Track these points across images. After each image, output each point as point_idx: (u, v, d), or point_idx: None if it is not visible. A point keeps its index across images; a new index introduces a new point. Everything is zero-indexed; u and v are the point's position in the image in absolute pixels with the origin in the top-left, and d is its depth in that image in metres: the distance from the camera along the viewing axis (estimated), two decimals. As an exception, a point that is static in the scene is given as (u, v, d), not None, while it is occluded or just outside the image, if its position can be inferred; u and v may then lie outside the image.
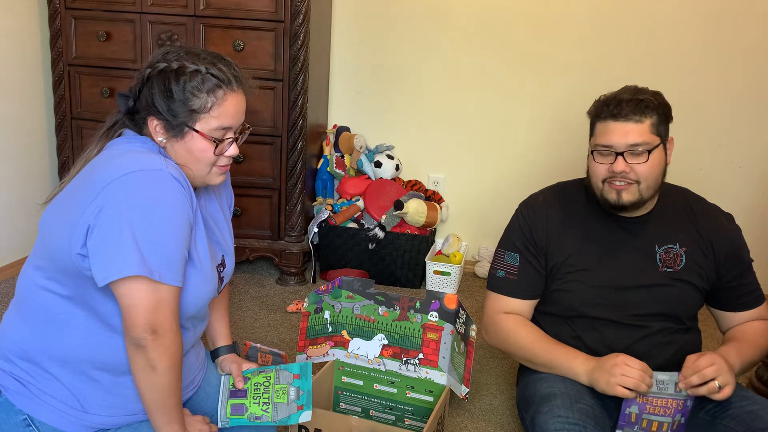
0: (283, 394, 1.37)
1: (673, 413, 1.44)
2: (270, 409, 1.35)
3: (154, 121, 1.22)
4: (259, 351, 1.83)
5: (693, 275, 1.60)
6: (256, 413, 1.34)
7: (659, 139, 1.54)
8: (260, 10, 2.59)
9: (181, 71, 1.20)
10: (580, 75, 2.88)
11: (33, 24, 2.82)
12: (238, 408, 1.35)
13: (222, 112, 1.22)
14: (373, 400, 1.84)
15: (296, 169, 2.73)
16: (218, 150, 1.24)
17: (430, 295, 1.75)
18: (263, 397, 1.36)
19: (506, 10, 2.91)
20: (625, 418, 1.45)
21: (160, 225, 1.12)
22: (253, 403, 1.36)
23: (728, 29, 2.75)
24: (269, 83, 2.64)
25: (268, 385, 1.38)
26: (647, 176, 1.54)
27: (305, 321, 1.77)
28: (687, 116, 2.86)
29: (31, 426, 1.21)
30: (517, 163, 3.01)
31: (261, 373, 1.41)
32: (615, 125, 1.54)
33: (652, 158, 1.53)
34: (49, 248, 1.20)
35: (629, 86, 1.60)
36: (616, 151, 1.53)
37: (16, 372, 1.23)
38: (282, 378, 1.39)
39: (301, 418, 1.35)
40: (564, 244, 1.65)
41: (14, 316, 1.27)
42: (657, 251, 1.61)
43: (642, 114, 1.53)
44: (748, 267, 1.65)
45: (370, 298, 1.80)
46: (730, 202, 2.85)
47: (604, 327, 1.60)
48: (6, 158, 2.72)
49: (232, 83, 1.23)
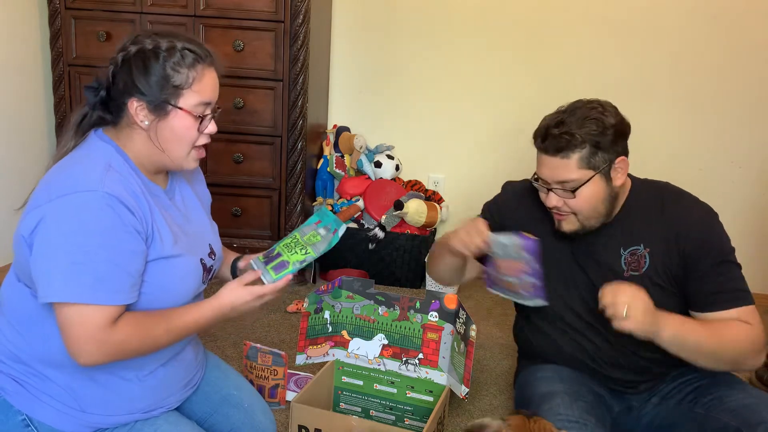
0: (315, 235, 1.35)
1: (519, 274, 1.49)
2: (309, 249, 1.32)
3: (134, 103, 1.21)
4: (259, 351, 1.83)
5: (657, 275, 1.52)
6: (299, 259, 1.31)
7: (592, 171, 1.46)
8: (260, 10, 2.59)
9: (158, 49, 1.20)
10: (581, 75, 2.88)
11: (33, 24, 2.81)
12: (278, 266, 1.30)
13: (202, 87, 1.23)
14: (373, 400, 1.84)
15: (296, 169, 2.73)
16: (201, 127, 1.25)
17: (430, 295, 1.75)
18: (297, 248, 1.33)
19: (507, 10, 2.90)
20: (488, 280, 1.59)
21: (88, 248, 1.12)
22: (291, 255, 1.32)
23: (728, 29, 2.75)
24: (269, 83, 2.64)
25: (297, 240, 1.35)
26: (581, 209, 1.49)
27: (305, 321, 1.77)
28: (687, 116, 2.86)
29: (30, 426, 1.21)
30: (517, 163, 3.01)
31: (283, 240, 1.36)
32: (544, 158, 1.49)
33: (581, 193, 1.47)
34: (18, 258, 1.22)
35: (566, 110, 1.49)
36: (546, 186, 1.50)
37: (13, 373, 1.23)
38: (305, 230, 1.36)
39: (340, 233, 1.35)
40: None
41: (4, 320, 1.27)
42: (622, 254, 1.55)
43: (567, 149, 1.44)
44: (721, 264, 1.48)
45: (370, 298, 1.80)
46: (730, 202, 2.87)
47: (577, 335, 1.60)
48: (6, 158, 2.72)
49: (208, 58, 1.24)
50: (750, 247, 2.83)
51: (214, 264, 1.39)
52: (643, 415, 1.61)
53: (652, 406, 1.60)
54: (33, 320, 1.22)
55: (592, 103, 1.49)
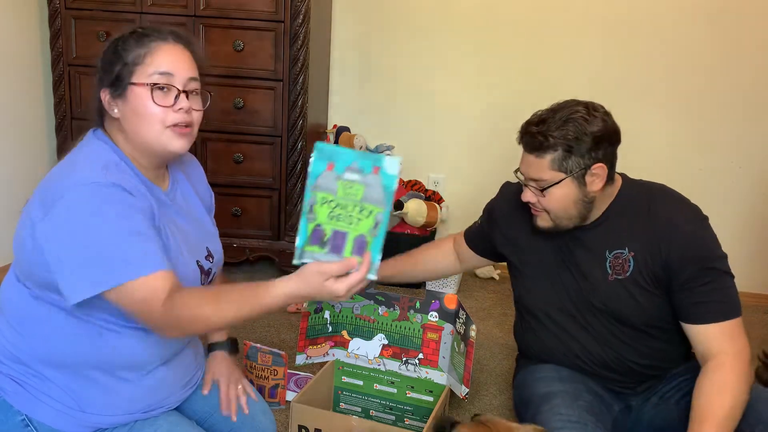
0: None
1: None
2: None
3: (103, 94, 1.22)
4: (259, 351, 1.83)
5: (642, 278, 1.49)
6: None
7: (563, 174, 1.45)
8: (260, 10, 2.59)
9: (116, 39, 1.23)
10: (581, 75, 2.88)
11: (33, 24, 2.81)
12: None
13: (155, 59, 1.20)
14: (373, 400, 1.84)
15: (296, 169, 2.73)
16: (159, 99, 1.19)
17: (430, 295, 1.75)
18: (344, 221, 1.09)
19: (507, 11, 2.90)
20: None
21: (108, 226, 1.11)
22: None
23: (729, 29, 2.75)
24: (269, 83, 2.64)
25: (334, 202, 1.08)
26: (552, 208, 1.50)
27: (305, 321, 1.77)
28: (687, 116, 2.86)
29: (30, 426, 1.21)
30: (517, 164, 3.01)
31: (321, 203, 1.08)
32: (523, 154, 1.52)
33: (551, 193, 1.47)
34: (19, 259, 1.21)
35: (553, 108, 1.49)
36: (523, 182, 1.53)
37: (13, 373, 1.23)
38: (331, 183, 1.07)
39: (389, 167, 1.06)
40: (520, 243, 1.67)
41: (3, 321, 1.27)
42: (607, 257, 1.54)
43: (540, 150, 1.45)
44: (706, 272, 1.44)
45: (370, 298, 1.80)
46: (729, 202, 2.87)
47: (565, 335, 1.61)
48: (6, 158, 2.72)
49: (165, 36, 1.23)
50: (750, 247, 2.83)
51: (212, 267, 1.38)
52: (642, 414, 1.61)
53: (651, 406, 1.61)
54: (33, 320, 1.21)
55: (580, 105, 1.47)
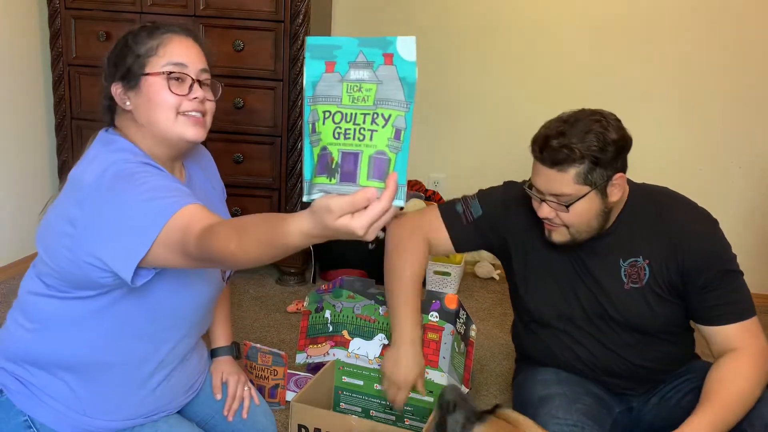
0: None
1: None
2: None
3: (115, 88, 1.22)
4: (259, 351, 1.83)
5: (657, 286, 1.49)
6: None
7: (588, 187, 1.40)
8: (260, 10, 2.59)
9: (126, 34, 1.24)
10: (581, 76, 2.88)
11: (33, 24, 2.81)
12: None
13: (168, 50, 1.20)
14: (373, 400, 1.84)
15: (296, 169, 2.73)
16: (174, 88, 1.19)
17: (430, 296, 1.75)
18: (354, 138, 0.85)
19: (507, 12, 2.91)
20: None
21: (139, 189, 1.08)
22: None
23: (729, 29, 2.75)
24: (269, 83, 2.64)
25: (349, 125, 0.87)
26: (573, 222, 1.45)
27: (305, 320, 1.77)
28: (687, 116, 2.86)
29: (32, 428, 1.21)
30: (517, 163, 3.01)
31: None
32: (540, 168, 1.43)
33: (575, 209, 1.42)
34: (51, 263, 1.17)
35: (568, 119, 1.41)
36: (540, 197, 1.46)
37: (19, 372, 1.23)
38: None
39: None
40: (527, 250, 1.61)
41: (20, 320, 1.25)
42: (622, 266, 1.51)
43: (565, 163, 1.38)
44: (725, 276, 1.46)
45: (371, 298, 1.80)
46: (730, 202, 2.87)
47: (573, 342, 1.59)
48: (6, 158, 2.72)
49: (175, 29, 1.23)
50: (750, 247, 2.83)
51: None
52: (643, 415, 1.62)
53: (652, 407, 1.61)
54: (51, 320, 1.21)
55: (596, 115, 1.43)
